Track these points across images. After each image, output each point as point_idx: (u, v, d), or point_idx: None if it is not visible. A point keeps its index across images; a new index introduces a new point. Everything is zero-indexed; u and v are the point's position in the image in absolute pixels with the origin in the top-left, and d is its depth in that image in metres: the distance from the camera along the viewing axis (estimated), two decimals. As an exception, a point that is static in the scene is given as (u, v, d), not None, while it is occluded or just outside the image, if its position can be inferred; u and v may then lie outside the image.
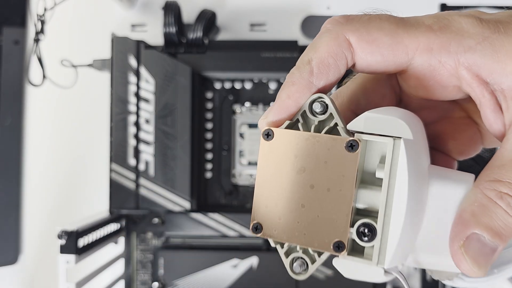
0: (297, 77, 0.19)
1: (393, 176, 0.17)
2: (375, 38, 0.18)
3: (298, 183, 0.18)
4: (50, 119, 0.55)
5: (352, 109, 0.22)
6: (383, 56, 0.18)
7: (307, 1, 0.49)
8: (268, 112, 0.20)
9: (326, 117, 0.19)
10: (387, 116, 0.18)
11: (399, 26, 0.18)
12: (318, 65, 0.18)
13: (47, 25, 0.46)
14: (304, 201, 0.18)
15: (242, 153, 0.47)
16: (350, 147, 0.18)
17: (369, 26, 0.19)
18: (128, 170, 0.43)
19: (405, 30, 0.18)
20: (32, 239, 0.54)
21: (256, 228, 0.19)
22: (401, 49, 0.18)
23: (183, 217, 0.46)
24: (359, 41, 0.18)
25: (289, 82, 0.19)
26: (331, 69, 0.18)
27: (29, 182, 0.54)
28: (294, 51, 0.45)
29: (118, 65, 0.44)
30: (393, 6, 0.52)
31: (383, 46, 0.18)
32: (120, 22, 0.49)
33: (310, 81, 0.19)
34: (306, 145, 0.18)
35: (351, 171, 0.18)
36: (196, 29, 0.45)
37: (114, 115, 0.44)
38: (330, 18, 0.19)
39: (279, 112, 0.19)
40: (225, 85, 0.48)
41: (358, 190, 0.18)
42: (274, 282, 0.47)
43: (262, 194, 0.19)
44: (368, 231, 0.18)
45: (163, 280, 0.47)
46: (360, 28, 0.18)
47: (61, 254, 0.39)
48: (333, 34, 0.18)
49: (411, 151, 0.17)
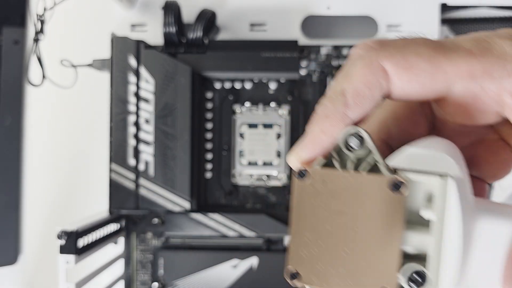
0: (331, 110, 0.17)
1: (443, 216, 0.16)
2: (412, 65, 0.17)
3: (338, 226, 0.17)
4: (49, 119, 0.55)
5: (383, 138, 0.21)
6: (421, 83, 0.17)
7: (307, 1, 0.49)
8: (299, 148, 0.18)
9: (363, 153, 0.18)
10: (433, 152, 0.17)
11: (437, 51, 0.17)
12: (353, 96, 0.17)
13: (47, 25, 0.46)
14: (345, 246, 0.17)
15: (242, 153, 0.47)
16: (396, 187, 0.16)
17: (405, 51, 0.17)
18: (128, 170, 0.44)
19: (444, 55, 0.17)
20: (32, 239, 0.54)
21: (293, 275, 0.18)
22: (440, 76, 0.17)
23: (183, 217, 0.46)
24: (395, 68, 0.17)
25: (322, 116, 0.18)
26: (367, 100, 0.17)
27: (29, 182, 0.55)
28: (294, 51, 0.45)
29: (118, 65, 0.44)
30: (393, 6, 0.52)
31: (421, 73, 0.17)
32: (119, 22, 0.49)
33: (345, 113, 0.17)
34: (345, 185, 0.17)
35: (397, 212, 0.16)
36: (196, 29, 0.45)
37: (114, 115, 0.44)
38: (362, 43, 0.18)
39: (312, 148, 0.18)
40: (225, 85, 0.48)
41: (404, 232, 0.17)
42: (274, 282, 0.47)
43: (298, 238, 0.18)
44: (419, 277, 0.16)
45: (163, 280, 0.47)
46: (395, 54, 0.17)
47: (60, 254, 0.39)
48: (367, 61, 0.17)
49: (460, 189, 0.16)
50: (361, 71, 0.17)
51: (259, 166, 0.47)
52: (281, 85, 0.48)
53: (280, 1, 0.49)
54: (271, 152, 0.47)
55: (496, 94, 0.17)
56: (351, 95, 0.17)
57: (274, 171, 0.47)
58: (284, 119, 0.47)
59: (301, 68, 0.48)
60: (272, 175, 0.47)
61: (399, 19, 0.48)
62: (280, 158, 0.47)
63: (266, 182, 0.47)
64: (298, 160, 0.18)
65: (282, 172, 0.47)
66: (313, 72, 0.48)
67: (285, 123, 0.47)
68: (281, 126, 0.47)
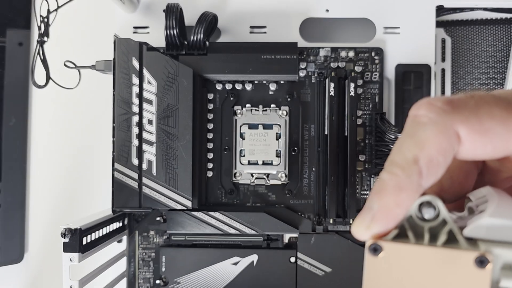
0: (404, 180, 0.16)
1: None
2: (488, 128, 0.16)
3: None
4: (54, 120, 0.55)
5: (435, 191, 0.20)
6: (494, 147, 0.16)
7: (306, 4, 0.50)
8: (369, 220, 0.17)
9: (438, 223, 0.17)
10: None
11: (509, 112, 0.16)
12: (427, 165, 0.16)
13: (51, 27, 0.47)
14: None
15: (243, 153, 0.48)
16: (482, 263, 0.16)
17: (479, 114, 0.16)
18: (131, 170, 0.44)
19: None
20: (37, 237, 0.55)
21: None
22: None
23: (184, 215, 0.46)
24: (471, 133, 0.16)
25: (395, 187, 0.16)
26: (440, 168, 0.16)
27: (33, 182, 0.55)
28: (293, 53, 0.46)
29: (121, 66, 0.44)
30: (390, 8, 0.53)
31: (496, 137, 0.16)
32: (122, 25, 0.50)
33: (420, 184, 0.16)
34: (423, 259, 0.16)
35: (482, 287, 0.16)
36: (197, 31, 0.45)
37: (117, 115, 0.44)
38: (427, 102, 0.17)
39: (386, 222, 0.16)
40: (226, 86, 0.49)
41: None
42: (274, 279, 0.47)
43: None
44: None
45: (165, 277, 0.48)
46: (470, 117, 0.16)
47: (64, 253, 0.39)
48: (441, 127, 0.16)
49: None
50: (435, 138, 0.16)
51: (259, 165, 0.48)
52: (281, 86, 0.49)
53: (279, 4, 0.50)
54: (271, 152, 0.47)
55: None
56: (426, 164, 0.16)
57: (274, 171, 0.48)
58: (283, 119, 0.48)
59: (300, 70, 0.48)
60: (272, 174, 0.48)
61: (396, 22, 0.49)
62: (279, 158, 0.48)
63: (266, 181, 0.48)
64: (369, 234, 0.17)
65: (281, 171, 0.48)
66: (312, 74, 0.49)
67: (284, 124, 0.48)
68: (281, 127, 0.48)
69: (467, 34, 0.53)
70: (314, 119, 0.48)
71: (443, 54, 0.53)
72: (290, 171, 0.48)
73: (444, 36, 0.53)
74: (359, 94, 0.48)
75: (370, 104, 0.48)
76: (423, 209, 0.17)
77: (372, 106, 0.48)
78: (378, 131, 0.46)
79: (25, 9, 0.53)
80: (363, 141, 0.48)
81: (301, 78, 0.49)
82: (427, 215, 0.16)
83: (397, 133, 0.44)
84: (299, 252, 0.47)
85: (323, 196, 0.48)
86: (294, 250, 0.48)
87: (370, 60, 0.48)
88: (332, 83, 0.46)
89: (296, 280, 0.48)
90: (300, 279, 0.48)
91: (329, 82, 0.46)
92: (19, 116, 0.54)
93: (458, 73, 0.53)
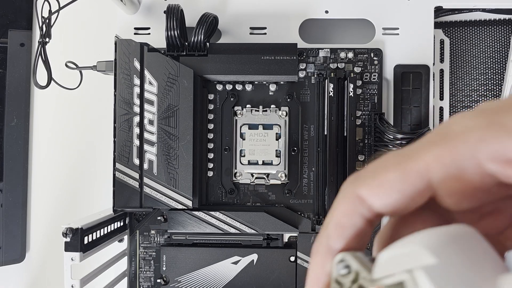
0: (317, 245, 0.19)
1: None
2: (383, 180, 0.17)
3: None
4: (55, 120, 0.56)
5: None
6: (400, 192, 0.17)
7: (306, 6, 0.50)
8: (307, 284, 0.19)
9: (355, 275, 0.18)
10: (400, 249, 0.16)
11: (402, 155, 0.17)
12: (334, 227, 0.18)
13: (52, 28, 0.47)
14: None
15: (243, 153, 0.48)
16: None
17: (375, 172, 0.18)
18: (132, 170, 0.44)
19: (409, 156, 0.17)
20: (38, 237, 0.55)
21: None
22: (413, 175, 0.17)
23: (185, 215, 0.47)
24: (369, 191, 0.18)
25: (313, 252, 0.19)
26: (347, 228, 0.18)
27: (35, 182, 0.55)
28: (293, 54, 0.46)
29: (122, 67, 0.45)
30: (389, 9, 0.53)
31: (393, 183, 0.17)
32: (123, 26, 0.50)
33: (329, 245, 0.18)
34: None
35: None
36: (198, 32, 0.45)
37: (118, 116, 0.44)
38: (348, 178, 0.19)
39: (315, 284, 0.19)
40: (227, 87, 0.49)
41: None
42: (274, 278, 0.48)
43: None
44: None
45: (166, 276, 0.48)
46: (367, 178, 0.18)
47: (66, 252, 0.40)
48: (345, 194, 0.18)
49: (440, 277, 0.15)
50: (339, 205, 0.18)
51: (259, 165, 0.48)
52: (281, 87, 0.49)
53: (279, 6, 0.50)
54: (271, 152, 0.48)
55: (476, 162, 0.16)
56: (332, 227, 0.18)
57: (273, 170, 0.48)
58: (283, 120, 0.48)
59: (300, 71, 0.49)
60: (272, 174, 0.48)
61: (395, 23, 0.50)
62: (279, 158, 0.48)
63: (266, 181, 0.48)
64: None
65: (281, 171, 0.48)
66: (312, 75, 0.49)
67: (284, 124, 0.48)
68: (281, 127, 0.48)
69: (466, 35, 0.53)
70: (313, 119, 0.49)
71: (441, 55, 0.53)
72: (290, 171, 0.49)
73: (443, 37, 0.53)
74: (358, 94, 0.48)
75: (369, 104, 0.49)
76: (338, 267, 0.18)
77: (371, 106, 0.49)
78: (377, 131, 0.47)
79: (27, 10, 0.54)
80: (362, 141, 0.48)
81: (301, 79, 0.49)
82: (341, 271, 0.18)
83: (396, 133, 0.45)
84: (299, 251, 0.48)
85: (322, 196, 0.48)
86: (294, 249, 0.48)
87: (369, 61, 0.49)
88: (332, 83, 0.46)
89: (296, 279, 0.48)
90: (299, 278, 0.48)
91: (329, 83, 0.46)
92: (20, 116, 0.54)
93: (457, 74, 0.53)
